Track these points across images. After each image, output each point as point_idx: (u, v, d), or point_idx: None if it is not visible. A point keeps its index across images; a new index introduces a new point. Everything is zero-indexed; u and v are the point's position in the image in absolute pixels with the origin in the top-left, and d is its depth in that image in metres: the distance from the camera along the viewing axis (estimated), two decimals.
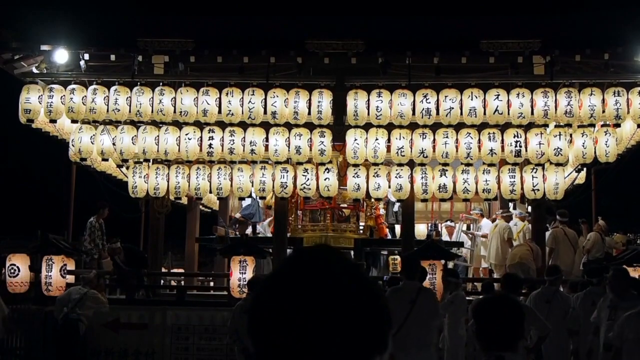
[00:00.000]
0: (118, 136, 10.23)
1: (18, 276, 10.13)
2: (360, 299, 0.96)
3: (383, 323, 0.97)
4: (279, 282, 0.98)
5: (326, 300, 0.94)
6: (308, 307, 0.93)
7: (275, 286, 0.98)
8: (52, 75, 10.47)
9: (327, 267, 0.99)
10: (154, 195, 10.45)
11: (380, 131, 9.90)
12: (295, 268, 0.99)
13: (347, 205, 11.78)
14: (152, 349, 9.81)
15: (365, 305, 0.96)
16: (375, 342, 0.96)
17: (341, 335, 0.93)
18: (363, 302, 0.96)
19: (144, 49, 10.12)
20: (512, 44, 9.76)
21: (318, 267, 0.99)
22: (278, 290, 0.97)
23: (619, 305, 6.33)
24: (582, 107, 9.67)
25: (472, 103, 9.68)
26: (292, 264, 1.01)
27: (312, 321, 0.93)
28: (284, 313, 0.94)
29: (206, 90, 9.96)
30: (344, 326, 0.93)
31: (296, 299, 0.94)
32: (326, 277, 0.97)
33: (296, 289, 0.96)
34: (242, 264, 9.78)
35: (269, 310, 0.96)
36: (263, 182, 10.16)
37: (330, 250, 1.03)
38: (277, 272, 1.02)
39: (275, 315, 0.95)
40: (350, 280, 0.97)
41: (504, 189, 10.05)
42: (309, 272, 0.98)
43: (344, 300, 0.95)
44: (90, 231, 11.33)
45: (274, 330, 0.94)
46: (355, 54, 9.87)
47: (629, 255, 9.97)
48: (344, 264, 1.00)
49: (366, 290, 0.98)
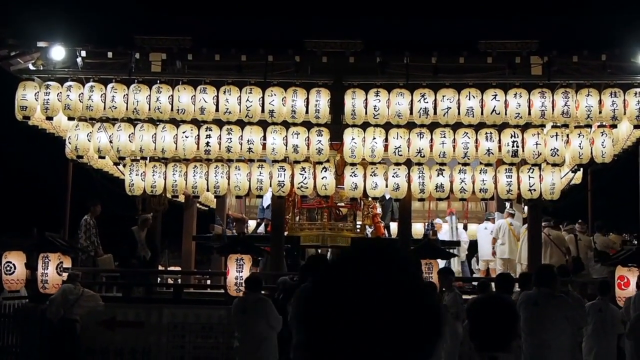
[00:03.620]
0: (115, 134, 10.21)
1: (14, 274, 10.10)
2: (416, 303, 0.97)
3: (433, 333, 0.97)
4: (339, 273, 0.98)
5: (381, 298, 0.95)
6: (362, 302, 0.94)
7: (334, 277, 0.98)
8: (48, 72, 10.43)
9: (387, 265, 0.99)
10: (151, 193, 10.45)
11: (377, 130, 9.91)
12: (355, 262, 0.99)
13: (345, 204, 11.80)
14: (149, 347, 9.81)
15: (420, 312, 0.96)
16: (422, 349, 0.96)
17: (390, 334, 0.93)
18: (418, 306, 0.97)
19: (142, 47, 10.10)
20: (509, 44, 9.78)
21: (378, 263, 0.99)
22: (336, 282, 0.97)
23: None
24: (579, 108, 9.70)
25: (470, 103, 9.70)
26: (353, 257, 1.01)
27: (364, 317, 0.93)
28: (339, 305, 0.94)
29: (204, 88, 9.95)
30: (395, 326, 0.94)
31: (352, 294, 0.95)
32: (385, 275, 0.97)
33: (353, 284, 0.96)
34: (239, 262, 9.78)
35: (326, 301, 0.96)
36: (260, 180, 10.17)
37: (392, 248, 1.03)
38: (339, 263, 1.01)
39: (331, 306, 0.95)
40: (411, 285, 0.98)
41: (500, 189, 10.07)
42: (369, 268, 0.98)
43: (399, 302, 0.95)
44: (86, 228, 11.32)
45: (327, 321, 0.94)
46: (354, 54, 9.87)
47: (624, 255, 10.00)
48: (405, 266, 1.00)
49: (424, 298, 0.98)
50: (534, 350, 6.18)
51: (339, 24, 10.33)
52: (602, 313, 7.81)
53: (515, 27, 10.05)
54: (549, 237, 11.33)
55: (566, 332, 6.29)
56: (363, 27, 10.20)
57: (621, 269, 9.72)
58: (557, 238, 11.49)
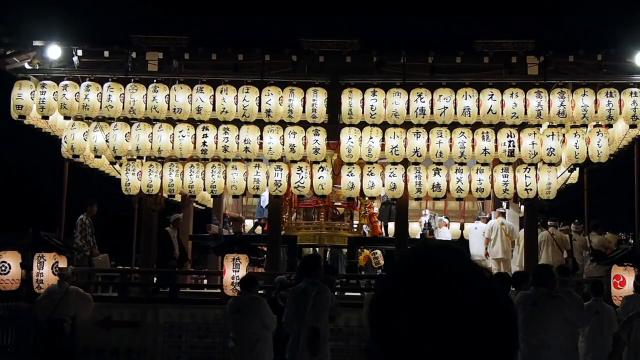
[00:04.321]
0: (111, 133, 10.19)
1: (9, 273, 10.06)
2: (496, 309, 0.93)
3: (513, 342, 0.94)
4: (414, 276, 0.94)
5: (461, 302, 0.91)
6: (443, 306, 0.90)
7: (409, 280, 0.94)
8: (44, 71, 10.40)
9: (465, 269, 0.95)
10: (147, 192, 10.42)
11: (374, 130, 9.91)
12: (430, 263, 0.95)
13: (341, 203, 11.80)
14: (144, 347, 9.78)
15: (500, 319, 0.93)
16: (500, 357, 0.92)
17: (471, 341, 0.89)
18: (498, 312, 0.93)
19: (138, 46, 10.09)
20: (506, 44, 9.81)
21: (456, 266, 0.95)
22: (410, 285, 0.93)
23: None
24: (575, 108, 9.72)
25: (466, 102, 9.71)
26: (426, 258, 0.97)
27: (444, 322, 0.89)
28: (417, 309, 0.90)
29: (200, 88, 9.94)
30: (476, 332, 0.90)
31: (430, 297, 0.91)
32: (464, 279, 0.93)
33: (432, 287, 0.92)
34: (235, 262, 9.76)
35: (398, 303, 0.92)
36: (257, 180, 10.16)
37: (461, 251, 1.00)
38: (411, 265, 0.97)
39: (407, 310, 0.91)
40: (489, 290, 0.94)
41: (497, 188, 10.09)
42: (447, 270, 0.94)
43: (481, 307, 0.91)
44: (82, 228, 11.28)
45: (399, 324, 0.91)
46: (350, 53, 9.88)
47: (620, 254, 10.03)
48: (481, 270, 0.97)
49: (504, 305, 0.94)
50: (533, 351, 6.17)
51: (336, 23, 10.33)
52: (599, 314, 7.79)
53: (512, 27, 10.07)
54: (552, 236, 11.33)
55: (565, 333, 6.28)
56: (360, 27, 10.21)
57: (617, 268, 9.74)
58: (559, 239, 11.49)
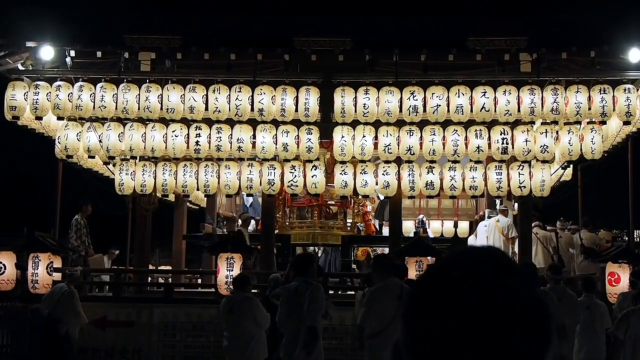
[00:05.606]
0: (104, 133, 10.19)
1: (4, 274, 10.06)
2: (532, 310, 0.92)
3: (547, 342, 0.92)
4: (450, 276, 0.93)
5: (499, 303, 0.89)
6: (478, 307, 0.89)
7: (445, 280, 0.93)
8: (37, 72, 10.39)
9: (503, 270, 0.93)
10: (141, 192, 10.42)
11: (367, 128, 9.91)
12: (468, 264, 0.94)
13: (335, 202, 11.81)
14: (139, 346, 9.79)
15: (536, 321, 0.92)
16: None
17: (506, 342, 0.88)
18: (534, 314, 0.92)
19: (131, 46, 10.06)
20: (498, 41, 9.79)
21: (493, 267, 0.93)
22: (448, 285, 0.92)
23: None
24: (568, 105, 9.72)
25: (459, 100, 9.70)
26: (463, 259, 0.95)
27: (480, 323, 0.88)
28: (451, 308, 0.89)
29: (193, 87, 9.93)
30: (512, 333, 0.89)
31: (466, 298, 0.89)
32: (502, 280, 0.92)
33: (468, 287, 0.90)
34: (229, 261, 9.77)
35: (432, 303, 0.91)
36: (250, 179, 10.16)
37: (500, 252, 0.98)
38: (448, 265, 0.96)
39: (437, 309, 0.90)
40: (528, 292, 0.93)
41: (490, 186, 10.10)
42: (485, 271, 0.92)
43: (517, 307, 0.90)
44: (77, 228, 11.30)
45: (433, 326, 0.89)
46: (343, 52, 9.87)
47: (614, 251, 10.05)
48: (519, 271, 0.95)
49: (541, 306, 0.93)
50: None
51: (328, 22, 10.32)
52: (590, 310, 7.83)
53: (504, 24, 10.06)
54: (536, 235, 11.40)
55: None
56: (352, 25, 10.20)
57: (612, 265, 9.75)
58: (544, 237, 11.56)
